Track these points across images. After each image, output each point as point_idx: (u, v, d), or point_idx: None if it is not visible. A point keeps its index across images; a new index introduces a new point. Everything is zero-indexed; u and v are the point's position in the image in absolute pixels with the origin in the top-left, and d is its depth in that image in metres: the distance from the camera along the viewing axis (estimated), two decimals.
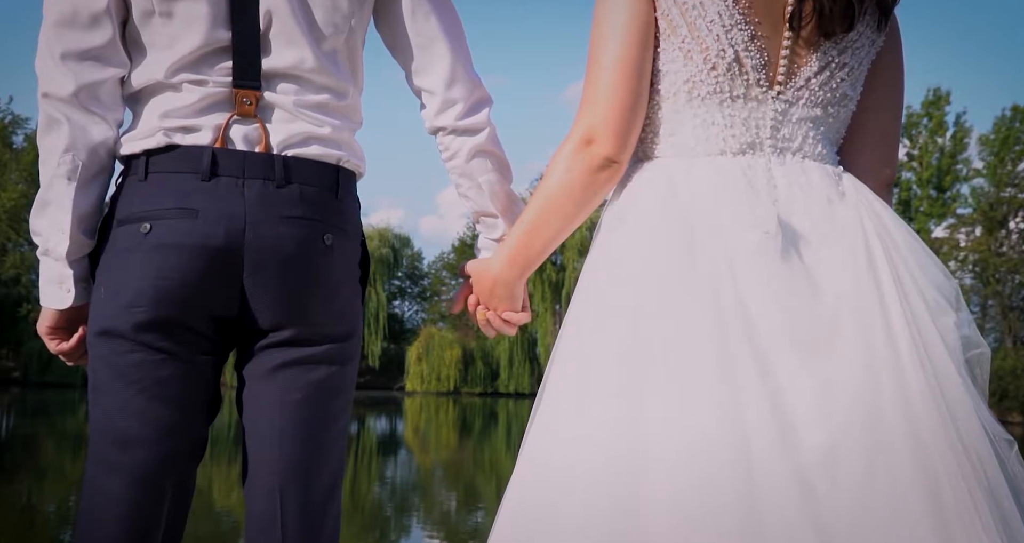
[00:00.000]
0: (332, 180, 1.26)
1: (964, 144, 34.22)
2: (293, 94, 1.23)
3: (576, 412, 1.11)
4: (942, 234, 33.32)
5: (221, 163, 1.19)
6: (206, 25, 1.19)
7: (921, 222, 34.02)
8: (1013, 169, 32.43)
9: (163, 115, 1.21)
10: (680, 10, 1.18)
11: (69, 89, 1.18)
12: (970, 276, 32.57)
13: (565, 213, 1.22)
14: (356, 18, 1.27)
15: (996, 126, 33.17)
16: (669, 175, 1.20)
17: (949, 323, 1.11)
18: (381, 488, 9.51)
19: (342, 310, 1.28)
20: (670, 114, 1.22)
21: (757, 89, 1.19)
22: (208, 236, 1.17)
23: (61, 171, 1.20)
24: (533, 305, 34.50)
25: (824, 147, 1.24)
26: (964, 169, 34.49)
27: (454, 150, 1.35)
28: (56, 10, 1.19)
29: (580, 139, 1.19)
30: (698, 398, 1.04)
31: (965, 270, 32.62)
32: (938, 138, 34.35)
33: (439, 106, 1.33)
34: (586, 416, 1.09)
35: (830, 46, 1.21)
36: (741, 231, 1.12)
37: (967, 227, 32.42)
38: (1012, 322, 30.70)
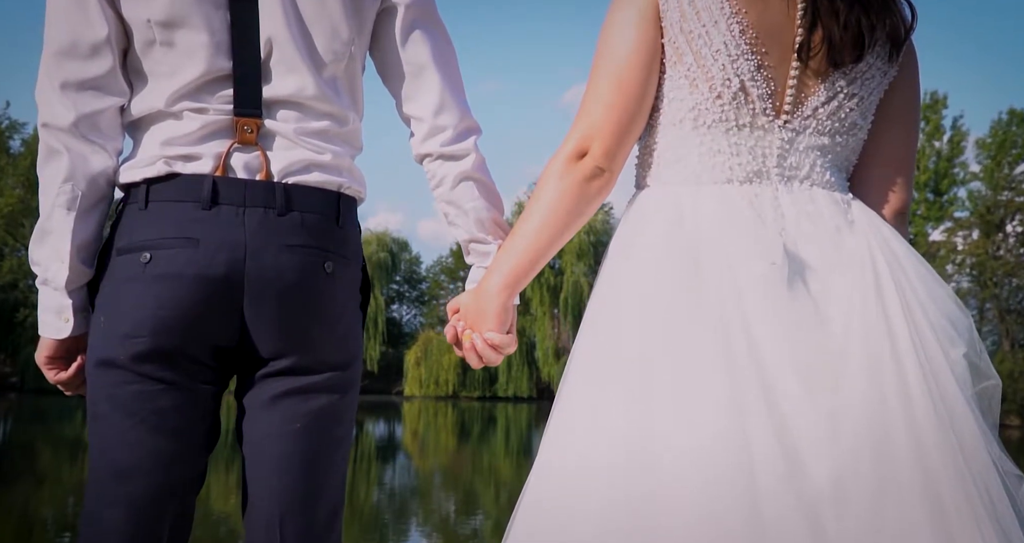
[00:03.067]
0: (333, 207, 1.26)
1: (961, 148, 34.28)
2: (294, 121, 1.24)
3: (586, 445, 1.09)
4: (939, 237, 33.36)
5: (222, 192, 1.19)
6: (207, 54, 1.19)
7: (918, 226, 34.05)
8: (1010, 172, 32.47)
9: (164, 143, 1.21)
10: (686, 38, 1.17)
11: (69, 119, 1.18)
12: (967, 279, 32.59)
13: (558, 222, 1.21)
14: (356, 45, 1.28)
15: (993, 129, 33.23)
16: (676, 203, 1.19)
17: (959, 354, 1.10)
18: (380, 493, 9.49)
19: (343, 338, 1.28)
20: (676, 141, 1.22)
21: (763, 118, 1.19)
22: (208, 265, 1.17)
23: (60, 201, 1.19)
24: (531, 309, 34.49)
25: (832, 175, 1.23)
26: (961, 172, 34.54)
27: (440, 176, 1.35)
28: (56, 40, 1.19)
29: (573, 150, 1.19)
30: (704, 430, 1.03)
31: (962, 273, 32.64)
32: (935, 142, 34.40)
33: (426, 133, 1.33)
34: (596, 450, 1.08)
35: (839, 76, 1.20)
36: (747, 262, 1.11)
37: (964, 230, 32.45)
38: (1009, 325, 30.72)
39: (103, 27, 1.18)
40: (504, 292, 1.25)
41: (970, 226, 32.16)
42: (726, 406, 1.04)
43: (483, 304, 1.27)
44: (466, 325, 1.30)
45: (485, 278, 1.28)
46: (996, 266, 30.77)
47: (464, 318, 1.31)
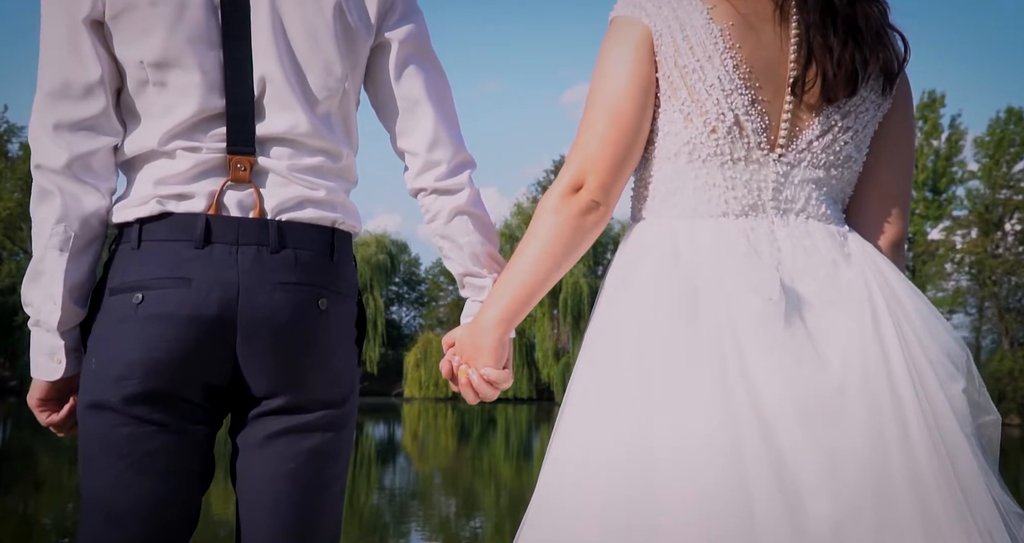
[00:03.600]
0: (327, 243, 1.25)
1: (959, 146, 34.33)
2: (287, 158, 1.23)
3: (583, 482, 1.09)
4: (938, 236, 33.40)
5: (215, 230, 1.19)
6: (200, 94, 1.19)
7: (917, 224, 34.09)
8: (1008, 171, 32.51)
9: (157, 182, 1.20)
10: (680, 73, 1.18)
11: (62, 161, 1.18)
12: (966, 278, 32.62)
13: (554, 256, 1.21)
14: (350, 81, 1.27)
15: (991, 128, 33.27)
16: (672, 237, 1.19)
17: (958, 390, 1.10)
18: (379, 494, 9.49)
19: (337, 375, 1.27)
20: (671, 174, 1.22)
21: (758, 152, 1.19)
22: (201, 305, 1.16)
23: (53, 242, 1.19)
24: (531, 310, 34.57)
25: (828, 207, 1.23)
26: (959, 171, 34.59)
27: (435, 211, 1.35)
28: (49, 81, 1.19)
29: (568, 184, 1.19)
30: (702, 467, 1.03)
31: (961, 272, 32.67)
32: (933, 140, 34.44)
33: (421, 167, 1.33)
34: (592, 488, 1.08)
35: (833, 110, 1.20)
36: (745, 297, 1.11)
37: (963, 229, 32.48)
38: (1009, 324, 30.74)
39: (96, 68, 1.18)
40: (500, 327, 1.25)
41: (969, 225, 32.20)
42: (724, 444, 1.04)
43: (479, 339, 1.26)
44: (462, 360, 1.30)
45: (481, 312, 1.28)
46: (995, 264, 30.80)
47: (460, 353, 1.30)
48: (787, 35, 1.19)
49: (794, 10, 1.19)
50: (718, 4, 1.18)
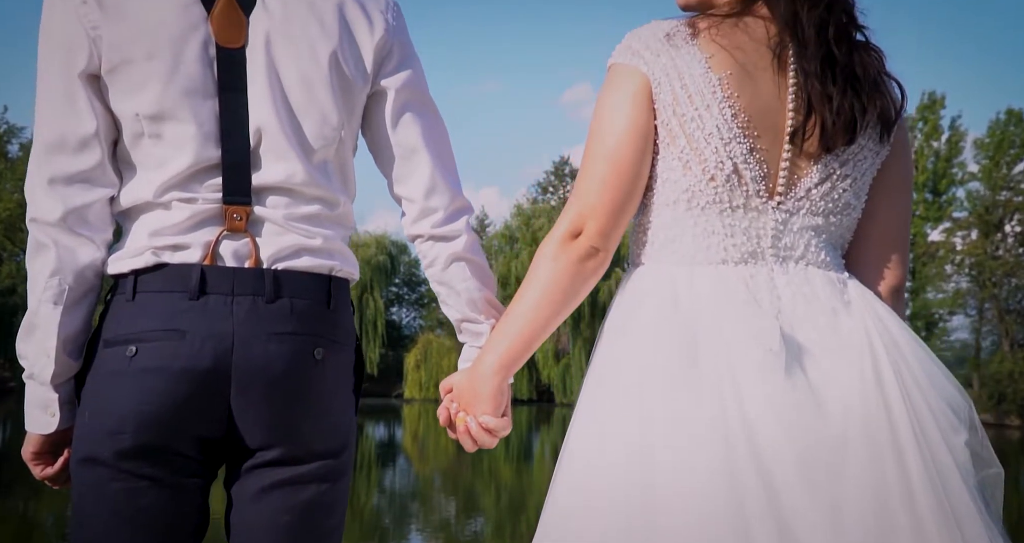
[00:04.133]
0: (324, 291, 1.25)
1: (959, 148, 34.33)
2: (283, 207, 1.23)
3: (582, 529, 1.10)
4: (938, 238, 33.40)
5: (210, 281, 1.18)
6: (195, 145, 1.19)
7: (917, 226, 34.08)
8: (1008, 172, 32.50)
9: (152, 233, 1.20)
10: (679, 121, 1.18)
11: (56, 214, 1.18)
12: (967, 280, 32.61)
13: (553, 302, 1.21)
14: (346, 129, 1.27)
15: (991, 129, 33.27)
16: (671, 284, 1.19)
17: (960, 442, 1.09)
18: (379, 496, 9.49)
19: (334, 425, 1.26)
20: (670, 221, 1.22)
21: (757, 199, 1.19)
22: (194, 358, 1.16)
23: (47, 296, 1.19)
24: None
25: (828, 254, 1.23)
26: (959, 172, 34.58)
27: (432, 257, 1.35)
28: (45, 135, 1.19)
29: (567, 230, 1.20)
30: (702, 520, 1.03)
31: (961, 273, 32.66)
32: (933, 142, 34.44)
33: (417, 214, 1.33)
34: (591, 535, 1.08)
35: (831, 158, 1.21)
36: (744, 347, 1.11)
37: (963, 231, 32.47)
38: (1009, 325, 30.73)
39: (91, 122, 1.18)
40: (499, 374, 1.24)
41: (969, 226, 32.19)
42: (725, 498, 1.03)
43: (477, 386, 1.26)
44: (460, 407, 1.29)
45: (479, 359, 1.27)
46: (995, 266, 30.79)
47: (458, 399, 1.29)
48: (785, 84, 1.19)
49: (791, 59, 1.19)
50: (716, 53, 1.18)
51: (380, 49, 1.28)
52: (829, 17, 1.20)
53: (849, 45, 1.21)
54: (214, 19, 1.19)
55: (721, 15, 1.21)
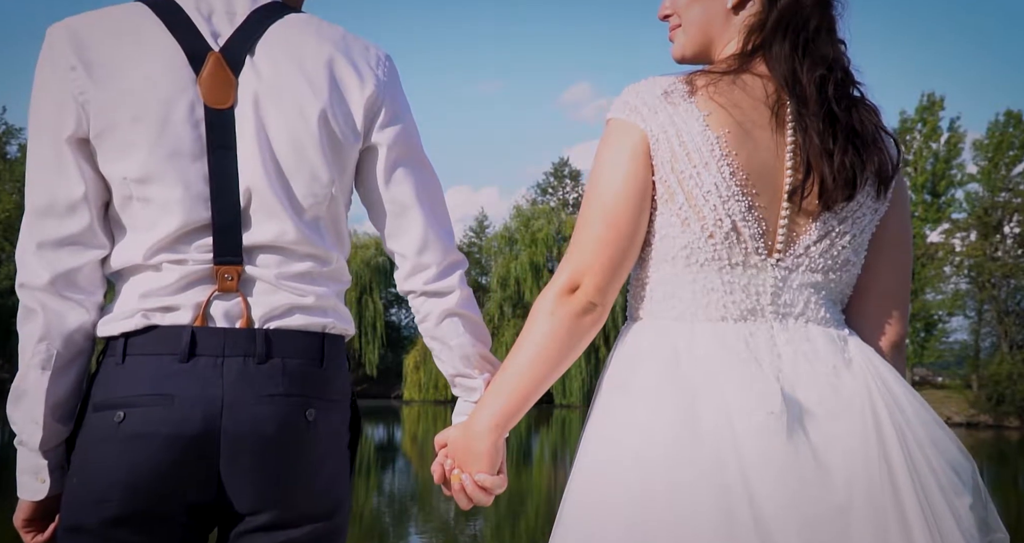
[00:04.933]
0: (317, 349, 1.24)
1: (958, 149, 34.34)
2: (275, 266, 1.22)
3: None
4: (937, 239, 33.42)
5: (200, 342, 1.18)
6: (184, 207, 1.18)
7: (916, 227, 34.09)
8: (1007, 173, 32.54)
9: (143, 295, 1.19)
10: (677, 178, 1.18)
11: (44, 279, 1.18)
12: (966, 281, 32.63)
13: (550, 358, 1.20)
14: (337, 185, 1.26)
15: (990, 131, 33.31)
16: (670, 341, 1.19)
17: (965, 506, 1.09)
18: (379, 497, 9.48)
19: (326, 487, 1.24)
20: (669, 277, 1.22)
21: (756, 257, 1.19)
22: (183, 423, 1.15)
23: (35, 361, 1.19)
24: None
25: (828, 311, 1.23)
26: (959, 174, 34.61)
27: (425, 313, 1.35)
28: (34, 199, 1.20)
29: (565, 285, 1.19)
30: None
31: (960, 275, 32.68)
32: (932, 143, 34.46)
33: (410, 270, 1.33)
34: None
35: (830, 216, 1.21)
36: (745, 410, 1.10)
37: (962, 232, 32.51)
38: (1008, 326, 30.75)
39: (79, 185, 1.19)
40: (495, 432, 1.23)
41: (968, 227, 32.22)
42: None
43: (473, 443, 1.24)
44: (454, 464, 1.27)
45: (474, 415, 1.26)
46: (994, 267, 30.82)
47: (452, 456, 1.28)
48: (783, 142, 1.19)
49: (789, 117, 1.19)
50: (714, 111, 1.17)
51: (370, 106, 1.27)
52: (829, 75, 1.20)
53: (848, 102, 1.21)
54: (203, 80, 1.19)
55: (719, 72, 1.21)
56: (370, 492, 9.66)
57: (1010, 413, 28.08)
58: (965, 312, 32.92)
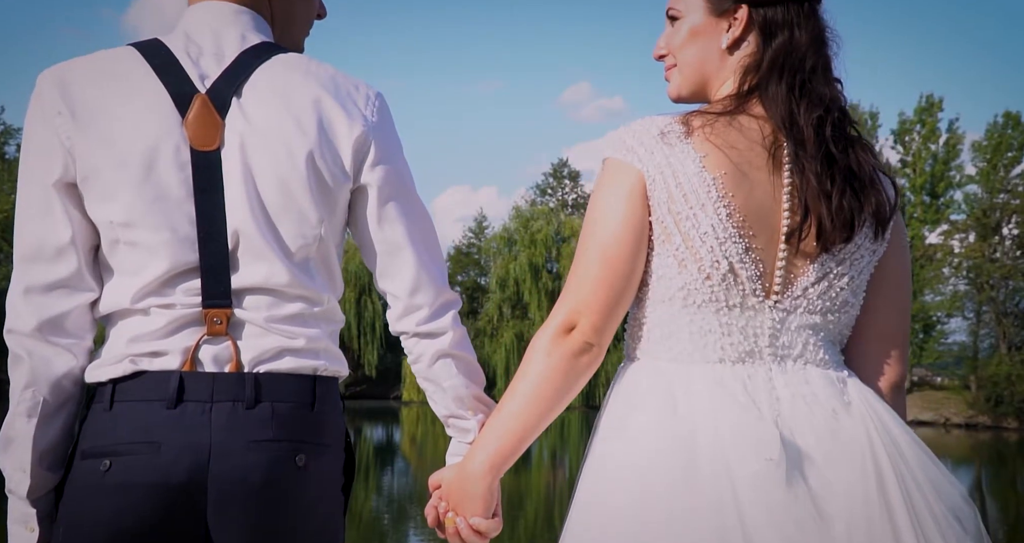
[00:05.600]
0: (308, 392, 1.22)
1: (957, 150, 34.36)
2: (265, 309, 1.21)
3: None
4: (936, 240, 33.44)
5: (188, 388, 1.17)
6: (171, 251, 1.18)
7: (915, 228, 34.12)
8: (1006, 175, 32.56)
9: (131, 340, 1.19)
10: (674, 219, 1.18)
11: (31, 324, 1.18)
12: (964, 282, 32.65)
13: (546, 399, 1.19)
14: (327, 225, 1.25)
15: (989, 132, 33.33)
16: (668, 385, 1.18)
17: None
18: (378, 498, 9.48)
19: (318, 531, 1.22)
20: (666, 317, 1.21)
21: (753, 298, 1.19)
22: (169, 472, 1.13)
23: (21, 409, 1.18)
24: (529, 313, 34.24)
25: (826, 352, 1.22)
26: (957, 175, 34.63)
27: (418, 354, 1.33)
28: (23, 245, 1.20)
29: (561, 325, 1.19)
30: None
31: (959, 276, 32.70)
32: (931, 144, 34.48)
33: (402, 311, 1.32)
34: None
35: (828, 257, 1.20)
36: (744, 456, 1.10)
37: (961, 233, 32.52)
38: (1006, 328, 30.76)
39: (66, 230, 1.19)
40: (489, 475, 1.22)
41: (966, 229, 32.24)
42: None
43: (467, 486, 1.23)
44: (449, 507, 1.26)
45: (469, 458, 1.24)
46: (993, 269, 30.83)
47: (447, 498, 1.27)
48: (780, 184, 1.19)
49: (786, 158, 1.19)
50: (710, 152, 1.17)
51: (359, 147, 1.25)
52: (826, 116, 1.20)
53: (845, 142, 1.21)
54: (189, 123, 1.18)
55: (715, 113, 1.21)
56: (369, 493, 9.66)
57: (1008, 414, 28.09)
58: (964, 313, 32.94)
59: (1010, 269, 30.75)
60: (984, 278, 30.99)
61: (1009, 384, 28.17)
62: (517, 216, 35.79)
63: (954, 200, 34.77)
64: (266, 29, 1.29)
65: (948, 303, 32.78)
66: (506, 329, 34.81)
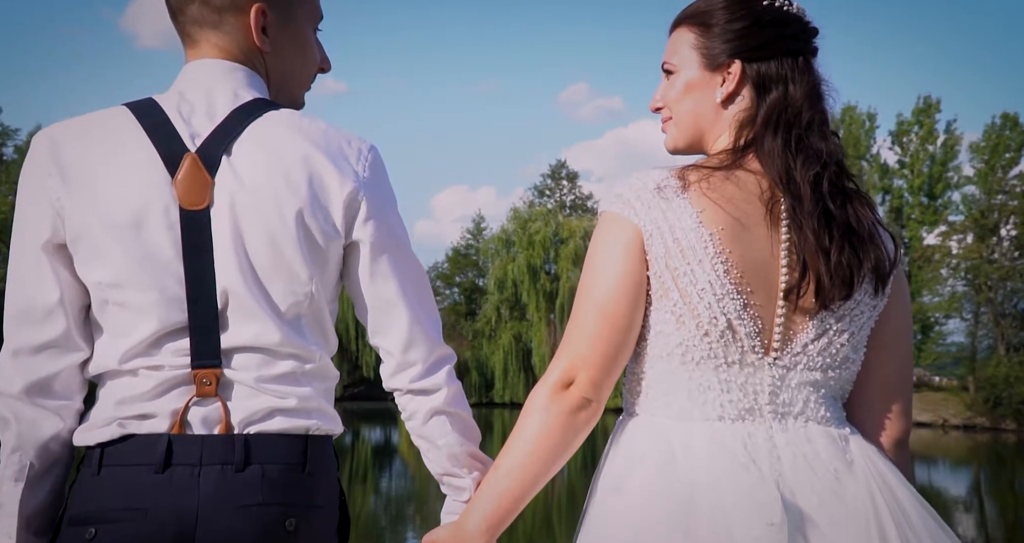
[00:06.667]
0: (299, 453, 1.20)
1: (955, 151, 34.39)
2: (255, 369, 1.20)
3: None
4: (934, 241, 33.47)
5: (177, 451, 1.15)
6: (159, 311, 1.17)
7: (913, 229, 34.15)
8: (1004, 176, 32.58)
9: (119, 403, 1.17)
10: (672, 275, 1.17)
11: (17, 387, 1.17)
12: (962, 283, 32.67)
13: (544, 457, 1.17)
14: (318, 283, 1.23)
15: (986, 133, 33.35)
16: (667, 442, 1.17)
17: None
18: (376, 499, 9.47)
19: None
20: (665, 373, 1.20)
21: (752, 355, 1.18)
22: (155, 539, 1.12)
23: (8, 473, 1.18)
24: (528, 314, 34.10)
25: (828, 409, 1.21)
26: (955, 176, 34.66)
27: (411, 411, 1.32)
28: (12, 307, 1.20)
29: (558, 381, 1.17)
30: None
31: (957, 277, 32.73)
32: (929, 146, 34.50)
33: (395, 368, 1.31)
34: None
35: (827, 314, 1.19)
36: (745, 520, 1.08)
37: (959, 234, 32.54)
38: (1005, 329, 30.78)
39: (55, 291, 1.19)
40: (486, 534, 1.20)
41: (964, 230, 32.26)
42: None
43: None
44: None
45: (465, 517, 1.22)
46: (991, 270, 30.86)
47: None
48: (778, 239, 1.18)
49: (784, 214, 1.18)
50: (707, 207, 1.17)
51: (350, 204, 1.24)
52: (823, 172, 1.19)
53: (843, 197, 1.20)
54: (178, 182, 1.18)
55: (711, 167, 1.20)
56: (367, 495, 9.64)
57: (1007, 416, 28.09)
58: (962, 314, 32.95)
59: (1008, 270, 30.77)
60: (982, 279, 31.02)
61: (1007, 385, 28.17)
62: (515, 217, 35.78)
63: (952, 201, 34.81)
64: (260, 85, 1.29)
65: (946, 304, 32.81)
66: (504, 330, 34.81)
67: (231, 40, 1.27)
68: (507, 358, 34.56)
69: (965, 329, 32.92)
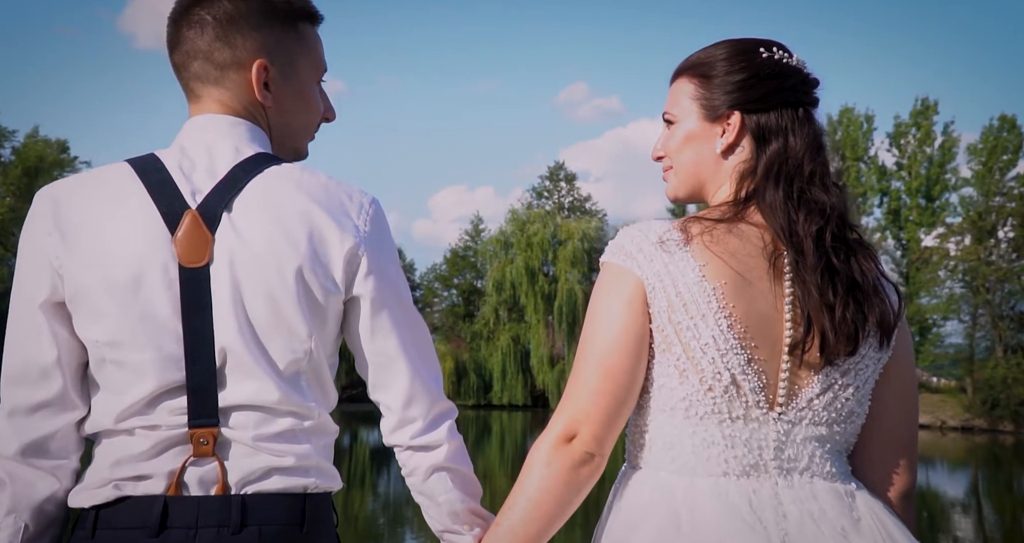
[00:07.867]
0: (297, 512, 1.19)
1: (952, 153, 34.44)
2: (253, 427, 1.18)
3: None
4: (932, 243, 33.48)
5: (172, 513, 1.14)
6: (157, 370, 1.16)
7: (911, 231, 34.19)
8: (1001, 178, 32.64)
9: (114, 463, 1.16)
10: (675, 329, 1.16)
11: (12, 448, 1.17)
12: (960, 285, 32.70)
13: (547, 513, 1.15)
14: (317, 339, 1.22)
15: (984, 135, 33.41)
16: (671, 499, 1.16)
17: None
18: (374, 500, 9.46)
19: None
20: (668, 428, 1.19)
21: (757, 410, 1.17)
22: None
23: (3, 536, 1.17)
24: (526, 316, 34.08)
25: (833, 464, 1.20)
26: (953, 178, 34.71)
27: (411, 467, 1.30)
28: (9, 366, 1.20)
29: (560, 435, 1.16)
30: None
31: (955, 279, 32.75)
32: (926, 147, 34.56)
33: (395, 424, 1.29)
34: None
35: (832, 369, 1.19)
36: None
37: (956, 236, 32.56)
38: (1002, 331, 30.80)
39: (52, 350, 1.18)
40: None
41: (962, 231, 32.28)
42: None
43: None
44: None
45: None
46: (988, 271, 30.88)
47: None
48: (781, 293, 1.17)
49: (787, 268, 1.18)
50: (710, 261, 1.16)
51: (350, 259, 1.23)
52: (826, 225, 1.18)
53: (847, 251, 1.20)
54: (178, 240, 1.17)
55: (713, 220, 1.20)
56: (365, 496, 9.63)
57: (1005, 417, 28.11)
58: (960, 316, 32.98)
59: (1006, 272, 30.80)
60: (980, 281, 31.04)
61: (1005, 387, 28.20)
62: (513, 219, 35.78)
63: (950, 203, 34.87)
64: (262, 138, 1.28)
65: (944, 306, 32.83)
66: (503, 332, 34.80)
67: (233, 95, 1.27)
68: (505, 360, 34.54)
69: (963, 331, 32.96)
